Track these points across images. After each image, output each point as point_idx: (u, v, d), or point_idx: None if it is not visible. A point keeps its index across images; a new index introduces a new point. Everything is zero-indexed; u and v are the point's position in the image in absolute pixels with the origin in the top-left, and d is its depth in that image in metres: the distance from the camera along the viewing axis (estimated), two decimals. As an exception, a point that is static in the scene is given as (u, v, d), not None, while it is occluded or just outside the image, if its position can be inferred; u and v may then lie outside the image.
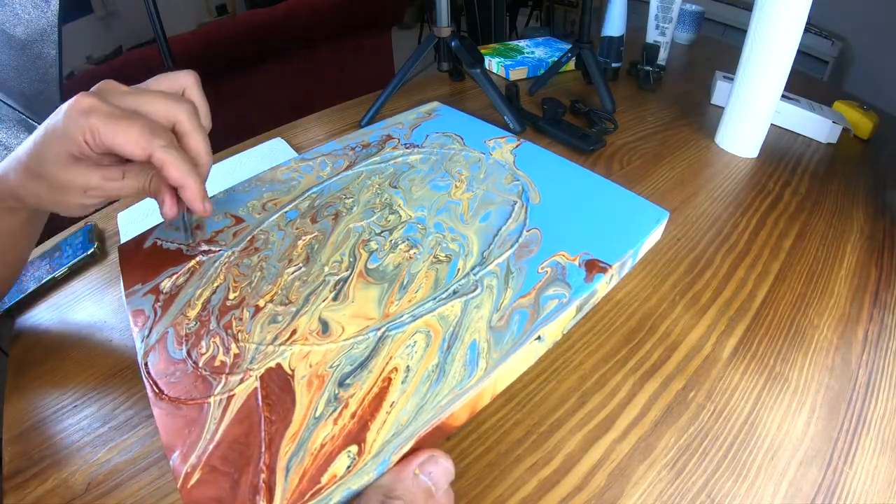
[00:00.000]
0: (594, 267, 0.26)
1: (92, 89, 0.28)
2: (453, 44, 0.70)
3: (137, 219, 0.53)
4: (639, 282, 0.44)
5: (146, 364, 0.25)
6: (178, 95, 0.30)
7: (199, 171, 0.29)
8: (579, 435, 0.33)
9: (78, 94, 0.27)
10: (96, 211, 0.56)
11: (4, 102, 0.71)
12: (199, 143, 0.29)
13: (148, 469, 0.31)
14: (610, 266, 0.26)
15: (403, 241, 0.29)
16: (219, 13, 2.58)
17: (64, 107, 0.27)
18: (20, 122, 0.72)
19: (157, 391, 0.23)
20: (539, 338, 0.23)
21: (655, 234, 0.29)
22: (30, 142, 0.29)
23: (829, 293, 0.44)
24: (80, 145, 0.26)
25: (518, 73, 0.83)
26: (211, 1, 2.54)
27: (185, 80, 0.31)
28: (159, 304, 0.28)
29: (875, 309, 0.43)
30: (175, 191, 0.29)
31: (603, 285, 0.26)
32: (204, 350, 0.25)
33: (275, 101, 1.39)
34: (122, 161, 0.30)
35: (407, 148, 0.39)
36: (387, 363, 0.22)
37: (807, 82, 0.89)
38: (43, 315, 0.44)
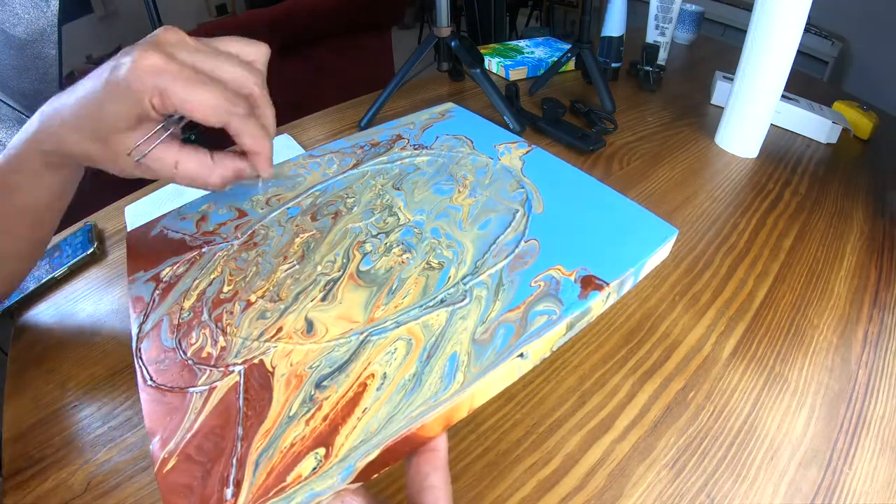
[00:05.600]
0: (590, 284, 0.25)
1: (153, 39, 0.25)
2: (453, 44, 0.70)
3: (145, 213, 0.53)
4: (638, 282, 0.44)
5: (139, 349, 0.25)
6: (250, 64, 0.28)
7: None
8: (579, 435, 0.33)
9: (141, 48, 0.24)
10: (95, 210, 0.56)
11: (4, 102, 0.71)
12: (269, 116, 0.29)
13: (147, 469, 0.31)
14: (607, 284, 0.25)
15: (398, 245, 0.29)
16: (219, 13, 2.58)
17: (126, 62, 0.24)
18: (20, 121, 0.72)
19: (145, 377, 0.23)
20: (522, 355, 0.22)
21: (662, 252, 0.28)
22: (77, 96, 0.26)
23: (828, 293, 0.44)
24: (146, 108, 0.24)
25: (518, 73, 0.83)
26: (211, 1, 2.54)
27: (257, 54, 0.29)
28: (158, 291, 0.28)
29: (875, 309, 0.43)
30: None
31: (598, 304, 0.25)
32: (194, 340, 0.25)
33: (275, 100, 1.39)
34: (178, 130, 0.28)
35: (415, 149, 0.38)
36: (364, 368, 0.22)
37: (807, 82, 0.89)
38: (43, 315, 0.44)
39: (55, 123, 0.28)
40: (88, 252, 0.49)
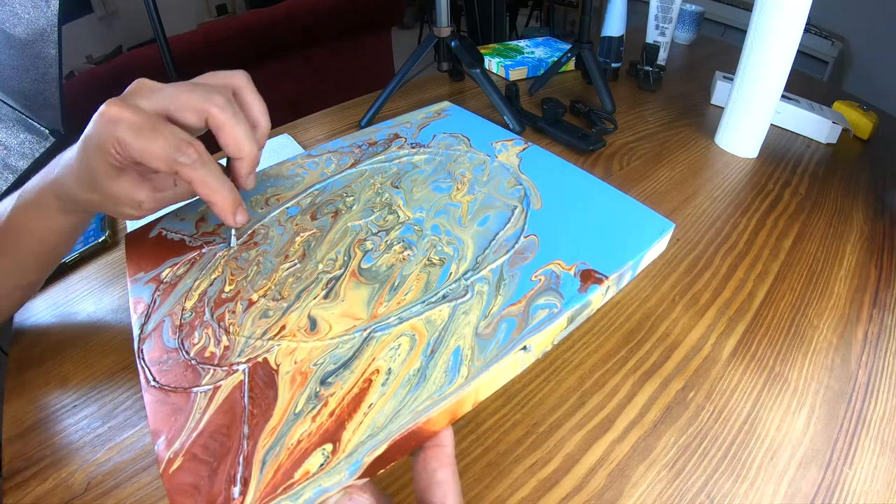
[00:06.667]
0: (589, 277, 0.25)
1: (125, 92, 0.27)
2: (453, 44, 0.70)
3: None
4: (638, 282, 0.44)
5: (141, 351, 0.25)
6: (211, 87, 0.28)
7: (238, 163, 0.29)
8: (579, 435, 0.33)
9: (108, 101, 0.26)
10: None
11: (4, 102, 0.71)
12: (235, 137, 0.27)
13: (147, 469, 0.31)
14: (606, 277, 0.25)
15: (399, 242, 0.29)
16: (219, 13, 2.58)
17: (96, 115, 0.26)
18: (20, 121, 0.72)
19: (148, 378, 0.23)
20: (525, 348, 0.23)
21: (659, 246, 0.28)
22: (76, 147, 0.28)
23: (828, 293, 0.44)
24: (114, 156, 0.26)
25: (518, 73, 0.83)
26: (211, 1, 2.54)
27: (236, 81, 0.30)
28: (159, 292, 0.28)
29: (875, 309, 0.43)
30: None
31: (598, 297, 0.25)
32: (196, 340, 0.25)
33: (275, 101, 1.39)
34: None
35: (413, 147, 0.38)
36: (369, 364, 0.22)
37: (807, 82, 0.89)
38: (43, 315, 0.44)
39: (66, 173, 0.30)
40: (100, 240, 0.50)
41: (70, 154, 0.29)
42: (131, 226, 0.53)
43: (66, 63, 0.76)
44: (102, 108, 0.26)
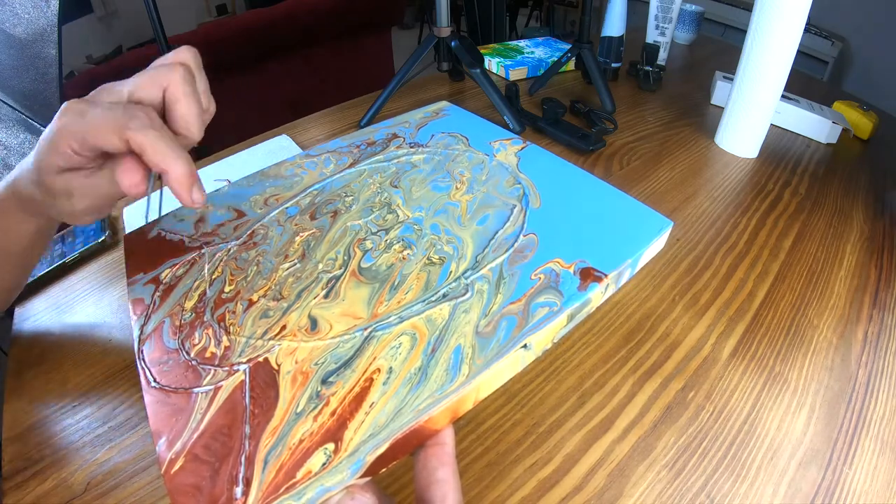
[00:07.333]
0: (589, 275, 0.25)
1: (87, 96, 0.26)
2: (453, 44, 0.70)
3: (143, 213, 0.54)
4: (638, 282, 0.44)
5: (141, 351, 0.25)
6: (168, 64, 0.27)
7: (184, 142, 0.26)
8: (579, 435, 0.33)
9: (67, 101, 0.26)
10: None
11: (4, 102, 0.71)
12: (189, 110, 0.26)
13: (147, 469, 0.31)
14: (605, 275, 0.25)
15: (398, 242, 0.29)
16: (219, 13, 2.58)
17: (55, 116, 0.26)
18: (20, 121, 0.72)
19: (149, 378, 0.23)
20: (525, 346, 0.23)
21: (658, 244, 0.28)
22: (35, 148, 0.28)
23: (828, 293, 0.44)
24: (65, 154, 0.25)
25: (518, 73, 0.83)
26: (211, 1, 2.54)
27: (184, 56, 0.28)
28: (158, 293, 0.28)
29: (875, 309, 0.43)
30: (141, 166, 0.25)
31: (597, 295, 0.25)
32: (196, 341, 0.25)
33: (275, 101, 1.39)
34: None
35: (411, 147, 0.39)
36: (370, 363, 0.22)
37: (807, 82, 0.89)
38: (43, 315, 0.44)
39: (22, 172, 0.30)
40: (100, 240, 0.50)
41: (30, 155, 0.29)
42: (131, 226, 0.53)
43: (66, 63, 0.76)
44: (61, 107, 0.25)
